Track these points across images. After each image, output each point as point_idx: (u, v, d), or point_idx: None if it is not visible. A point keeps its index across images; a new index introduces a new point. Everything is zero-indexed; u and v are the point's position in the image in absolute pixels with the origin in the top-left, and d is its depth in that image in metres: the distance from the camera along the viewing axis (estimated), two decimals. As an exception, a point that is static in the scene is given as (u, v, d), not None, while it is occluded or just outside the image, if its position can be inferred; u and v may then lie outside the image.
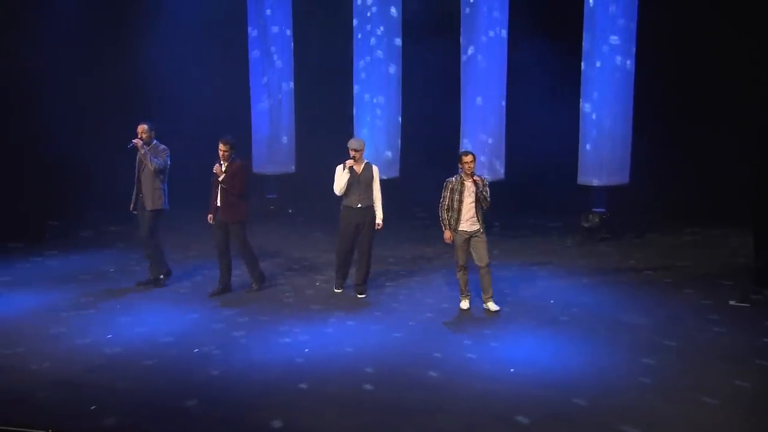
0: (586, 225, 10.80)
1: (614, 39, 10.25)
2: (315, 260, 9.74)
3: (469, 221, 7.43)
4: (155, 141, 8.28)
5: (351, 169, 7.78)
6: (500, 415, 5.29)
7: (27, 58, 10.69)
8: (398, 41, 11.46)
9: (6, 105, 10.67)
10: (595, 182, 10.64)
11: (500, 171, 11.10)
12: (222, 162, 7.91)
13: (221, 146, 7.88)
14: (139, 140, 8.11)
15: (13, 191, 10.63)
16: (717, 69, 10.92)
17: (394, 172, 11.40)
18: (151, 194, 8.19)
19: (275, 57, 12.01)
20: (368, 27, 11.39)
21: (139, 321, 7.28)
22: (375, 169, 8.02)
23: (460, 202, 7.40)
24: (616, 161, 10.54)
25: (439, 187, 11.84)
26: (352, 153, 7.78)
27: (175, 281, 8.62)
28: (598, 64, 10.40)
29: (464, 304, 7.64)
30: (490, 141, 10.98)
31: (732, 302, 7.70)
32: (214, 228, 8.04)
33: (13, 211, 10.52)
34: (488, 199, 7.42)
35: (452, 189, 7.44)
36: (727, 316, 7.33)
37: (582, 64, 10.55)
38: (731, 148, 10.61)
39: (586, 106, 10.59)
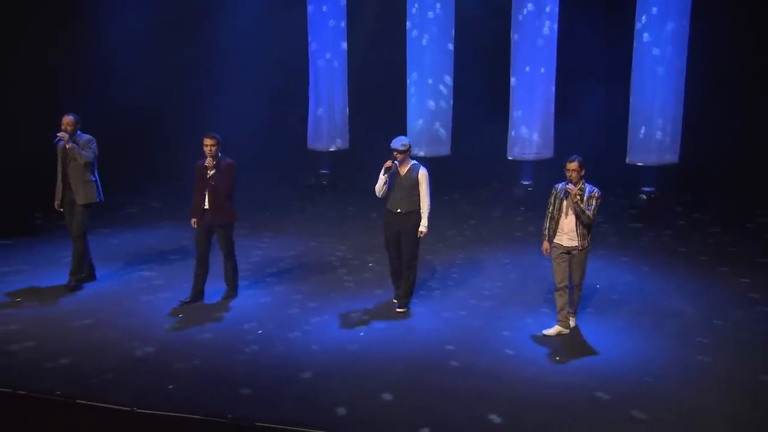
0: (638, 202, 11.29)
1: (667, 16, 10.62)
2: (361, 239, 10.12)
3: (567, 235, 6.70)
4: (78, 132, 7.84)
5: (391, 170, 7.16)
6: (582, 390, 5.81)
7: (98, 42, 11.27)
8: (452, 18, 11.80)
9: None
10: (645, 161, 11.08)
11: (549, 150, 11.56)
12: (211, 158, 7.33)
13: (208, 141, 7.25)
14: (65, 133, 7.68)
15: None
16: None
17: (446, 150, 11.85)
18: (82, 188, 7.80)
19: (331, 35, 12.38)
20: (420, 6, 11.78)
21: (219, 305, 7.62)
22: (422, 173, 7.23)
23: (560, 211, 6.73)
24: (666, 140, 10.96)
25: (482, 165, 12.33)
26: (394, 153, 7.16)
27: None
28: (647, 39, 10.81)
29: (549, 330, 6.87)
30: (538, 120, 11.43)
31: None
32: (198, 231, 7.49)
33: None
34: (587, 213, 6.56)
35: (555, 196, 6.78)
36: None
37: (633, 41, 10.94)
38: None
39: (636, 84, 11.00)
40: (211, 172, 7.31)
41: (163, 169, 11.91)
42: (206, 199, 7.34)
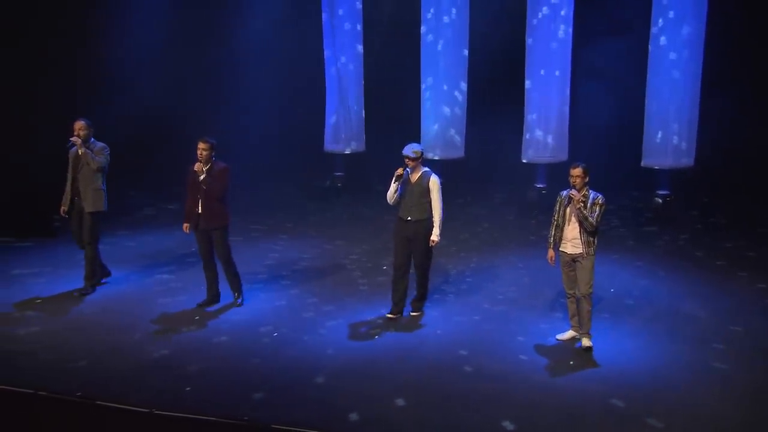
0: (653, 205, 11.35)
1: (683, 20, 10.68)
2: (375, 242, 10.14)
3: (571, 242, 6.61)
4: (92, 139, 7.80)
5: (402, 177, 7.14)
6: (597, 396, 5.81)
7: (117, 45, 11.52)
8: (467, 23, 11.89)
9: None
10: (661, 165, 11.10)
11: (563, 153, 11.57)
12: (201, 163, 7.36)
13: (201, 145, 7.31)
14: (78, 138, 7.63)
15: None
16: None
17: (460, 153, 11.94)
18: (91, 195, 7.77)
19: (347, 38, 12.54)
20: (435, 11, 11.91)
21: (235, 308, 7.68)
22: (433, 181, 7.18)
23: (564, 218, 6.66)
24: (682, 144, 10.96)
25: (492, 167, 12.38)
26: (405, 160, 7.17)
27: (245, 266, 8.44)
28: (664, 42, 10.86)
29: (562, 334, 6.93)
30: (553, 123, 11.50)
31: None
32: (197, 237, 7.59)
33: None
34: (590, 219, 6.44)
35: (560, 203, 6.71)
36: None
37: (649, 45, 10.96)
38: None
39: (651, 87, 11.03)
40: (202, 176, 7.35)
41: (180, 171, 11.98)
42: (199, 204, 7.41)
